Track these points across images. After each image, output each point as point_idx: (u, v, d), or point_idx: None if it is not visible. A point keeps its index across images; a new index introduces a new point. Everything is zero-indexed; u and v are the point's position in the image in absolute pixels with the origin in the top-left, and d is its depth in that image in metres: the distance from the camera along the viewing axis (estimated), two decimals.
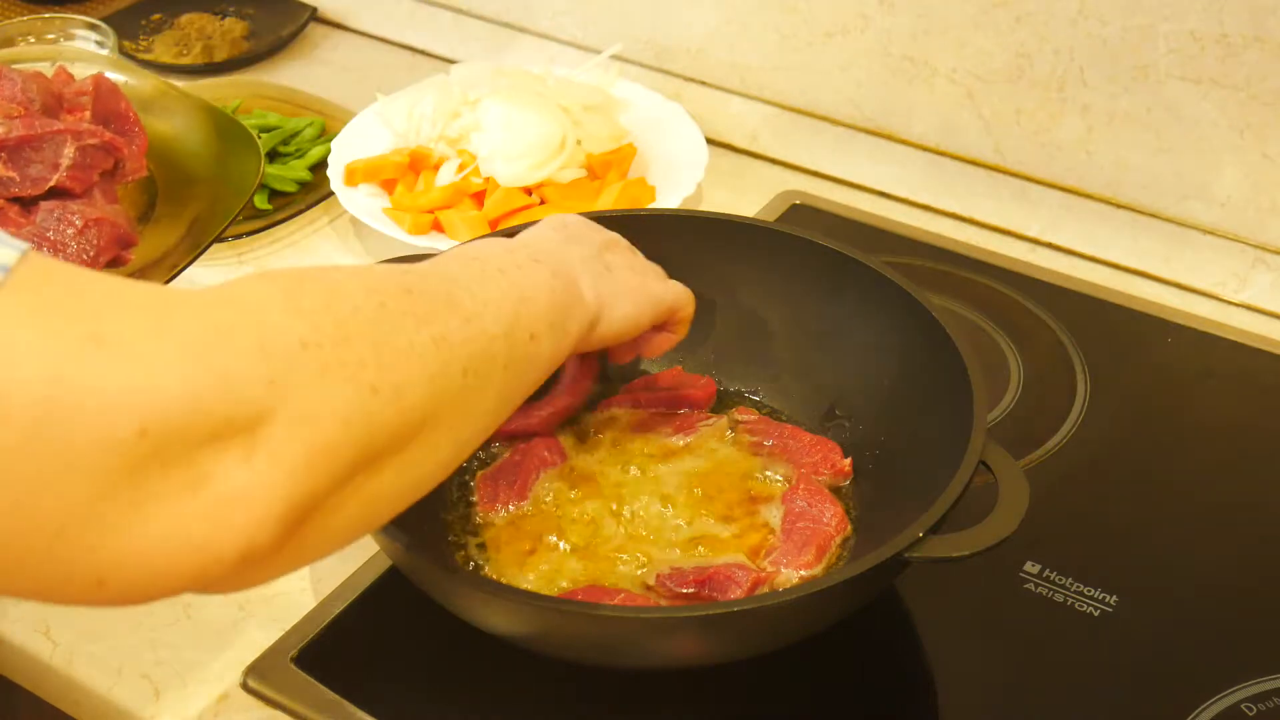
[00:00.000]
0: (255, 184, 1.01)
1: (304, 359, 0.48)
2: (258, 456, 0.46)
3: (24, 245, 0.43)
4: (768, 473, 0.82)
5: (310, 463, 0.47)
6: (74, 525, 0.42)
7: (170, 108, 1.10)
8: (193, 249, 0.98)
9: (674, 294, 0.79)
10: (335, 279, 0.54)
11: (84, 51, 1.20)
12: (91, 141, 0.96)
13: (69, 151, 0.95)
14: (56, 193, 0.95)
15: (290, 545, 0.48)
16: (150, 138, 1.04)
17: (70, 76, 1.04)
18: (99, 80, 1.02)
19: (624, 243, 0.79)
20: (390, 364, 0.52)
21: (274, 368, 0.47)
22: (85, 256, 0.93)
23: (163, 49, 1.35)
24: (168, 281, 0.96)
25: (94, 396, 0.42)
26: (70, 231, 0.93)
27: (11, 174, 0.94)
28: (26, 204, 0.95)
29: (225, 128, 1.08)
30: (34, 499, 0.41)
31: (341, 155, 1.12)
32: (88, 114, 0.99)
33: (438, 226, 1.07)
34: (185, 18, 1.39)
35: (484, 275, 0.63)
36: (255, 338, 0.47)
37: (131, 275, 0.97)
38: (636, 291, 0.75)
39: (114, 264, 0.97)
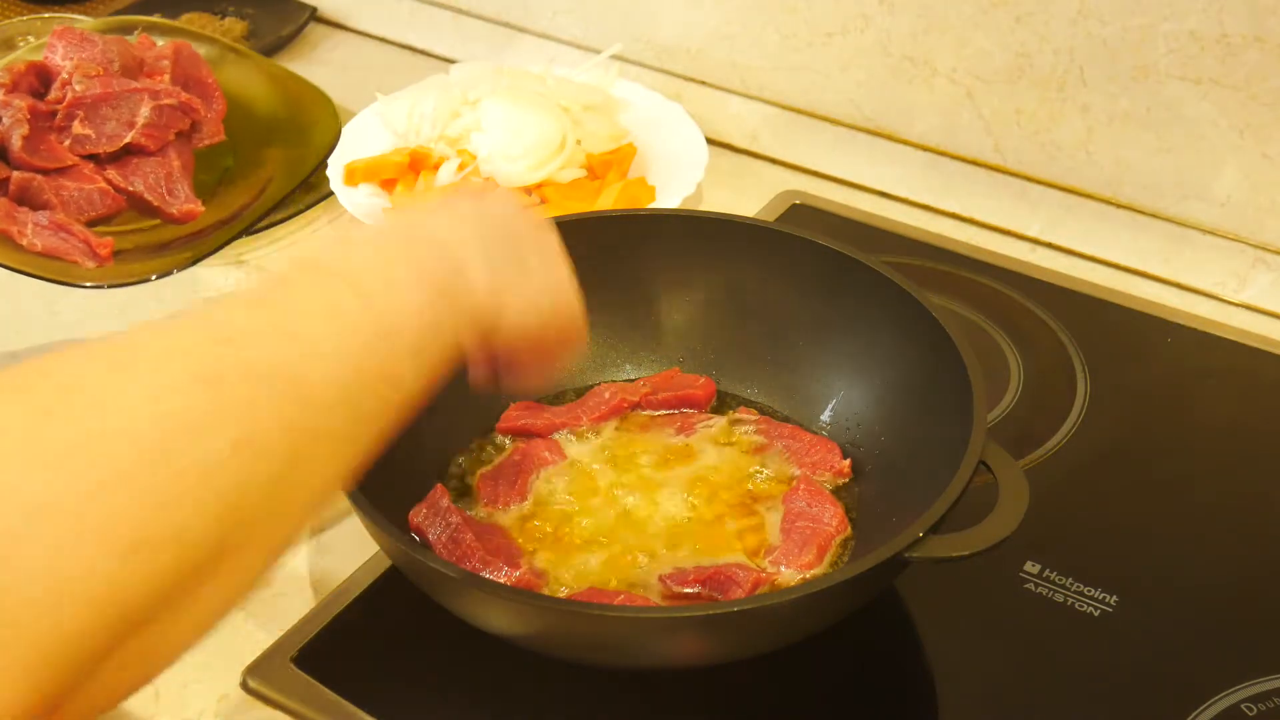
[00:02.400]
0: (331, 145, 1.03)
1: (32, 533, 0.39)
2: None
3: None
4: (768, 473, 0.82)
5: (47, 658, 0.39)
6: None
7: (243, 74, 1.13)
8: (254, 215, 1.00)
9: (577, 309, 0.67)
10: (111, 388, 0.43)
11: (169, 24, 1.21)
12: (168, 101, 0.99)
13: (145, 110, 0.97)
14: (131, 150, 0.99)
15: (62, 713, 0.41)
16: (227, 103, 1.06)
17: (152, 42, 1.06)
18: (179, 46, 1.05)
19: (543, 231, 0.66)
20: (167, 501, 0.42)
21: None
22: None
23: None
24: (220, 248, 0.98)
25: None
26: None
27: (88, 131, 0.97)
28: (101, 161, 0.98)
29: (298, 92, 1.10)
30: None
31: (341, 155, 1.12)
32: (167, 77, 1.02)
33: None
34: (185, 17, 1.39)
35: (329, 303, 0.51)
36: None
37: (192, 236, 1.01)
38: (545, 288, 0.64)
39: (172, 218, 0.99)
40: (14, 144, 0.95)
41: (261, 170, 1.09)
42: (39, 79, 1.00)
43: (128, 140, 0.98)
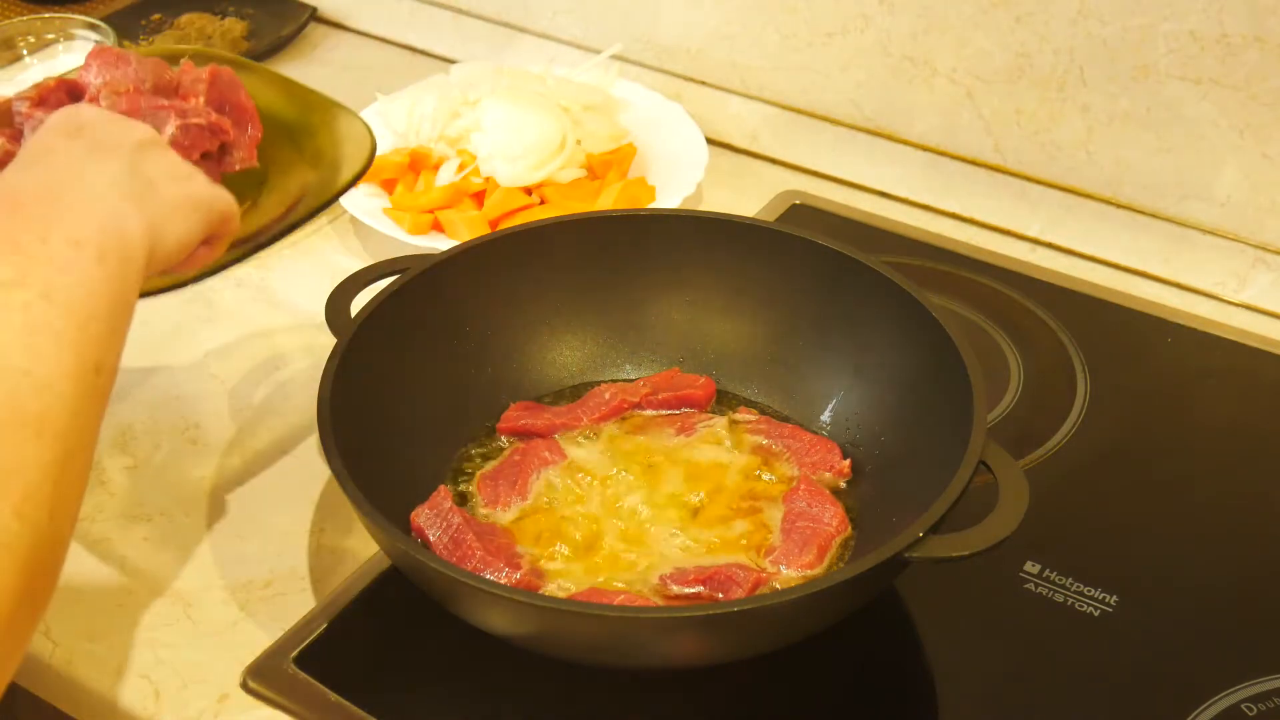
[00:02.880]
0: (364, 166, 1.02)
1: None
2: None
3: None
4: (768, 473, 0.82)
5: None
6: None
7: (284, 103, 1.11)
8: (281, 229, 0.98)
9: (222, 198, 0.71)
10: None
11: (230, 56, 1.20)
12: (196, 120, 0.97)
13: (170, 129, 0.96)
14: None
15: None
16: (265, 130, 1.05)
17: (193, 69, 1.05)
18: (216, 70, 1.03)
19: (155, 138, 0.69)
20: None
21: None
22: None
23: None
24: (246, 256, 0.96)
25: None
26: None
27: None
28: None
29: (337, 119, 1.09)
30: None
31: None
32: (201, 99, 1.01)
33: (438, 226, 1.07)
34: (185, 17, 1.39)
35: (23, 323, 0.53)
36: None
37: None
38: (185, 205, 0.66)
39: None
40: None
41: (289, 196, 1.07)
42: (69, 95, 1.00)
43: None
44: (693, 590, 0.74)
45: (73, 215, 0.58)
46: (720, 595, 0.73)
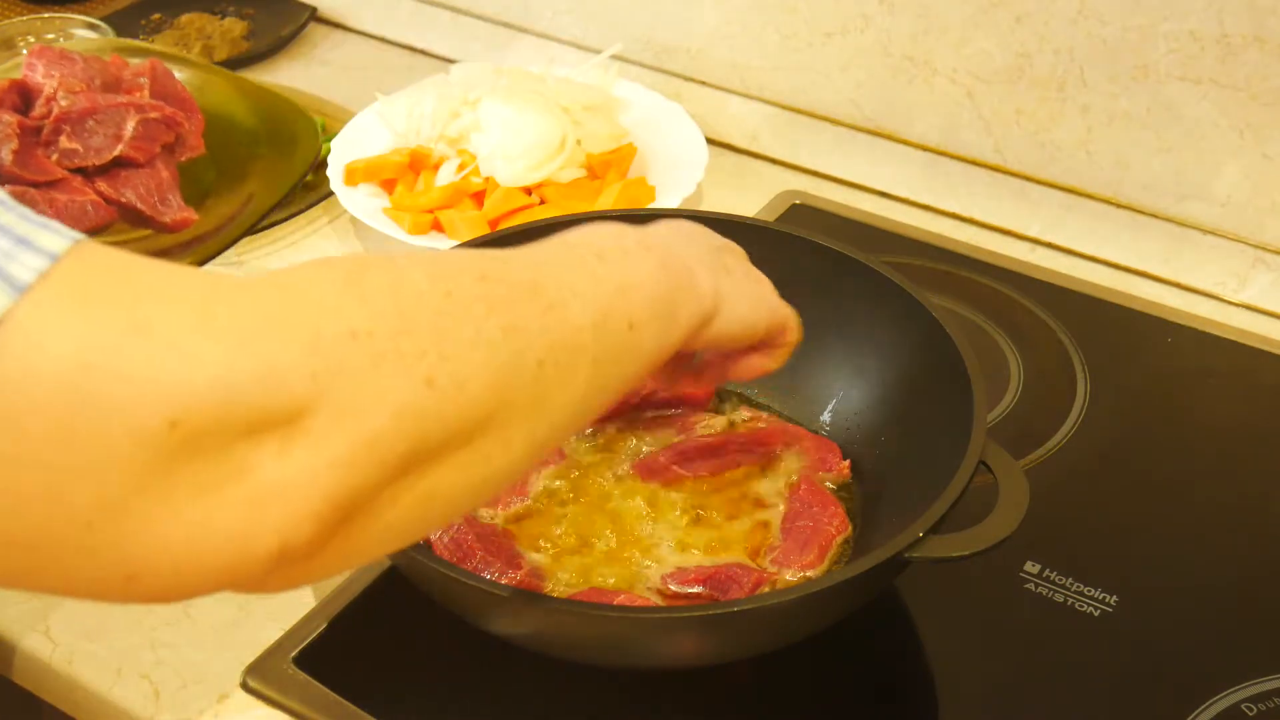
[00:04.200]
0: (313, 158, 1.04)
1: (353, 350, 0.46)
2: (296, 450, 0.44)
3: (77, 235, 0.42)
4: (768, 473, 0.82)
5: (353, 457, 0.46)
6: (104, 519, 0.41)
7: (220, 91, 1.14)
8: (246, 223, 1.02)
9: (787, 311, 0.73)
10: (401, 266, 0.51)
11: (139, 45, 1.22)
12: (153, 115, 1.00)
13: (131, 123, 0.98)
14: (120, 163, 0.99)
15: (334, 544, 0.47)
16: (206, 119, 1.07)
17: (125, 63, 1.07)
18: (155, 64, 1.05)
19: (740, 250, 0.74)
20: (452, 355, 0.49)
21: (320, 359, 0.45)
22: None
23: (162, 49, 1.35)
24: (217, 254, 1.00)
25: (124, 386, 0.41)
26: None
27: (75, 145, 0.97)
28: (90, 174, 0.99)
29: (276, 108, 1.12)
30: (64, 490, 0.41)
31: (341, 155, 1.12)
32: (145, 94, 1.02)
33: (438, 226, 1.07)
34: (185, 17, 1.39)
35: (577, 262, 0.59)
36: (303, 327, 0.46)
37: (186, 245, 1.03)
38: (755, 295, 0.70)
39: (165, 228, 1.01)
40: (4, 158, 0.96)
41: (244, 184, 1.08)
42: (20, 97, 1.01)
43: (117, 153, 0.98)
44: (693, 590, 0.74)
45: (654, 251, 0.63)
46: (720, 595, 0.73)
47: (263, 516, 0.44)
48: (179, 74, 1.11)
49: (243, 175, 1.10)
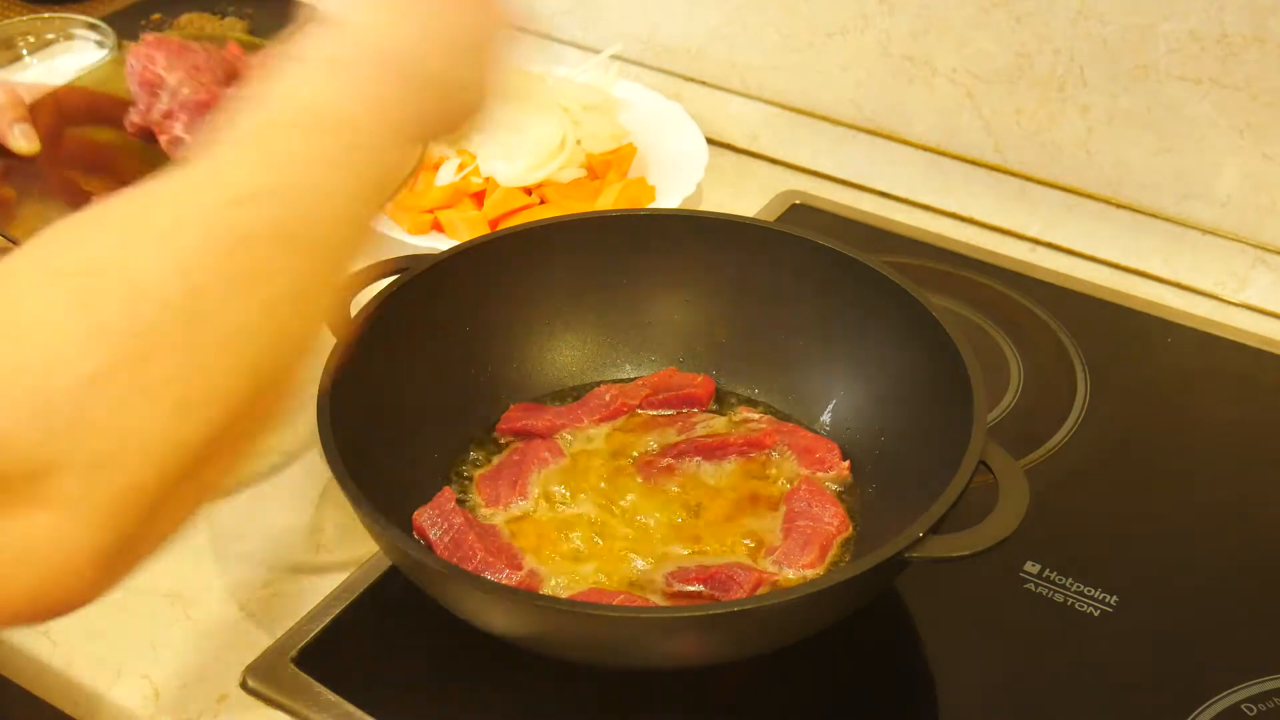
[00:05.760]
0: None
1: (92, 398, 0.43)
2: (47, 513, 0.42)
3: None
4: (768, 472, 0.82)
5: (112, 511, 0.43)
6: None
7: None
8: None
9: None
10: (136, 264, 0.46)
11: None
12: None
13: None
14: None
15: (110, 573, 0.45)
16: None
17: (243, 52, 1.05)
18: (270, 55, 1.04)
19: None
20: (207, 365, 0.46)
21: (53, 418, 0.42)
22: None
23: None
24: None
25: None
26: None
27: (186, 136, 0.96)
28: None
29: None
30: None
31: None
32: None
33: (438, 226, 1.07)
34: (185, 17, 1.39)
35: (323, 161, 0.53)
36: (30, 385, 0.42)
37: None
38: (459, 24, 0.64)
39: None
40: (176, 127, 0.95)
41: None
42: (145, 89, 0.99)
43: None
44: (693, 590, 0.74)
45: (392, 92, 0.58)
46: (720, 595, 0.73)
47: (23, 581, 0.43)
48: None
49: None
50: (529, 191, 1.09)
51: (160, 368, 0.44)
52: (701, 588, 0.74)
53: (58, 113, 0.97)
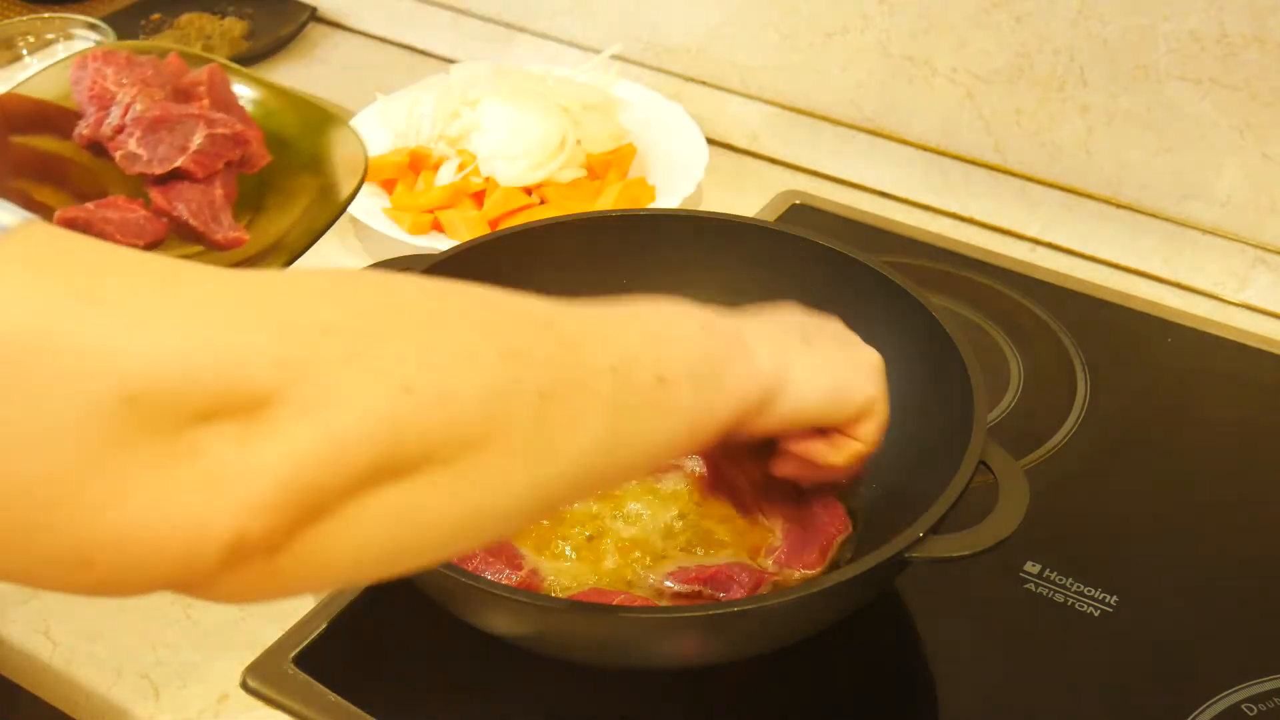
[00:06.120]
0: (364, 168, 1.02)
1: (325, 344, 0.43)
2: (255, 439, 0.41)
3: (28, 215, 0.41)
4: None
5: (315, 452, 0.42)
6: (59, 498, 0.39)
7: (272, 106, 1.12)
8: (306, 234, 0.99)
9: (872, 395, 0.68)
10: (396, 281, 0.49)
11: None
12: (222, 130, 0.98)
13: (199, 137, 0.97)
14: (177, 175, 0.97)
15: (294, 549, 0.44)
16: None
17: (185, 66, 1.05)
18: (214, 71, 1.03)
19: (836, 325, 0.69)
20: (436, 365, 0.46)
21: (287, 348, 0.42)
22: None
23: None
24: (286, 265, 0.98)
25: (79, 357, 0.38)
26: None
27: (141, 151, 0.96)
28: (147, 182, 0.98)
29: (319, 118, 1.09)
30: (15, 466, 0.38)
31: None
32: (206, 103, 1.01)
33: (438, 226, 1.07)
34: (185, 17, 1.39)
35: (606, 313, 0.56)
36: (272, 314, 0.43)
37: (246, 262, 1.00)
38: (837, 370, 0.65)
39: (216, 245, 0.99)
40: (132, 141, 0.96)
41: (292, 203, 1.06)
42: (94, 103, 0.99)
43: (178, 164, 0.96)
44: (693, 590, 0.74)
45: (694, 317, 0.61)
46: (720, 595, 0.73)
47: (216, 501, 0.41)
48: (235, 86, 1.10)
49: (291, 195, 1.07)
50: (529, 191, 1.09)
51: (393, 348, 0.45)
52: (701, 588, 0.74)
53: (2, 120, 0.97)
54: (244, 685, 0.74)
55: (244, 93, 1.07)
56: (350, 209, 1.07)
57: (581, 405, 0.51)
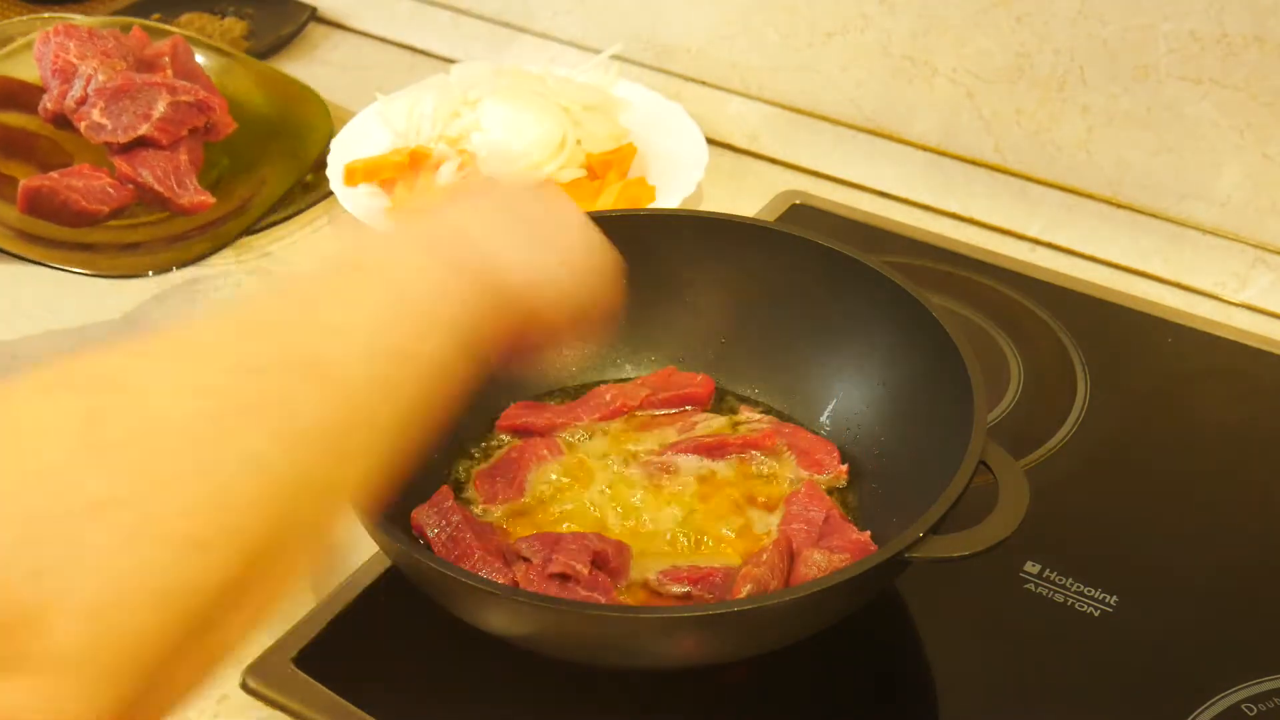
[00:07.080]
0: (326, 140, 1.05)
1: (94, 530, 0.37)
2: (35, 677, 0.36)
3: None
4: (768, 473, 0.82)
5: (110, 668, 0.37)
6: None
7: (237, 75, 1.15)
8: (262, 207, 1.04)
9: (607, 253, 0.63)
10: (154, 383, 0.43)
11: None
12: (185, 98, 1.01)
13: (161, 105, 0.99)
14: (142, 142, 1.00)
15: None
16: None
17: (147, 38, 1.08)
18: (177, 42, 1.06)
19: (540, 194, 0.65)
20: (221, 499, 0.41)
21: (48, 551, 0.37)
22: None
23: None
24: (235, 239, 1.02)
25: None
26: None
27: (104, 121, 0.98)
28: (111, 150, 1.01)
29: (290, 93, 1.13)
30: None
31: (341, 155, 1.12)
32: (169, 73, 1.03)
33: None
34: (185, 17, 1.39)
35: (347, 293, 0.52)
36: (27, 506, 0.37)
37: (202, 228, 1.05)
38: (563, 248, 0.61)
39: (181, 210, 1.02)
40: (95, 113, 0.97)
41: (257, 168, 1.10)
42: (59, 77, 1.02)
43: (141, 132, 0.99)
44: (691, 589, 0.74)
45: (431, 230, 0.59)
46: (718, 595, 0.73)
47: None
48: (199, 57, 1.12)
49: (256, 160, 1.11)
50: None
51: (173, 497, 0.40)
52: (700, 588, 0.74)
53: None
54: (244, 685, 0.74)
55: (209, 64, 1.11)
56: (350, 209, 1.07)
57: (355, 439, 0.48)
